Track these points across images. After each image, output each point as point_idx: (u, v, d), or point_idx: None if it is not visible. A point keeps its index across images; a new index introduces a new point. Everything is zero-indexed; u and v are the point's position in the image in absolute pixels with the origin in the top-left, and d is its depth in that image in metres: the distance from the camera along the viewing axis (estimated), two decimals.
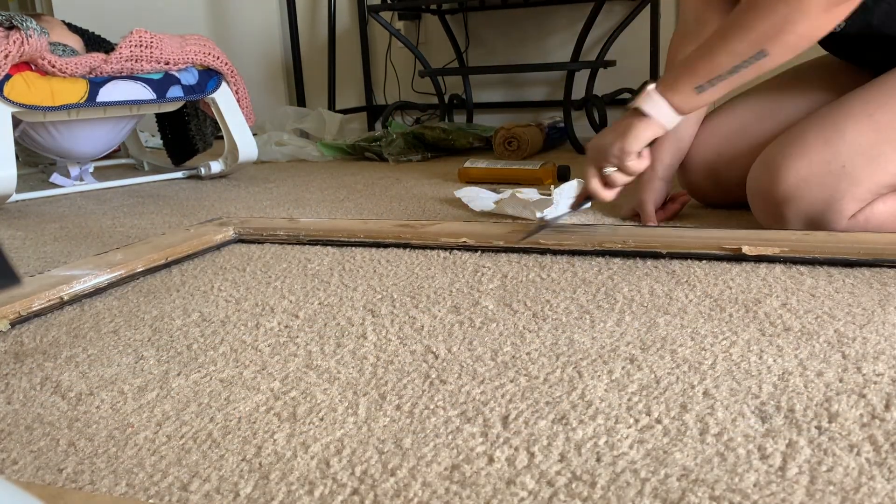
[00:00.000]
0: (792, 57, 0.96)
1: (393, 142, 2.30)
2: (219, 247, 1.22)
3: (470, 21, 2.88)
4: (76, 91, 1.75)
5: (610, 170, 1.06)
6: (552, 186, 1.39)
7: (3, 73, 1.63)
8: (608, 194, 1.09)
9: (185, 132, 2.18)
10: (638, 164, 1.05)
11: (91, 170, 2.10)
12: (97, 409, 0.65)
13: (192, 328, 0.85)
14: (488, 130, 2.41)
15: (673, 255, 1.00)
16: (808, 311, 0.78)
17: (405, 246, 1.15)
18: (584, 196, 1.13)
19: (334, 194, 1.72)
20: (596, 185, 1.09)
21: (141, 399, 0.67)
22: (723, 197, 1.30)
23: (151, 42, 1.85)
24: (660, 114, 1.01)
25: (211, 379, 0.70)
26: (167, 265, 1.11)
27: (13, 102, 1.67)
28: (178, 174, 2.13)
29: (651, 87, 1.02)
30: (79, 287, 0.98)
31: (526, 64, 2.68)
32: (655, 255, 1.01)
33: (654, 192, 1.24)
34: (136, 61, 1.83)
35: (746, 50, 0.94)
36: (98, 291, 1.00)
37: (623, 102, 2.66)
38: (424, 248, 1.13)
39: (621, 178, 1.06)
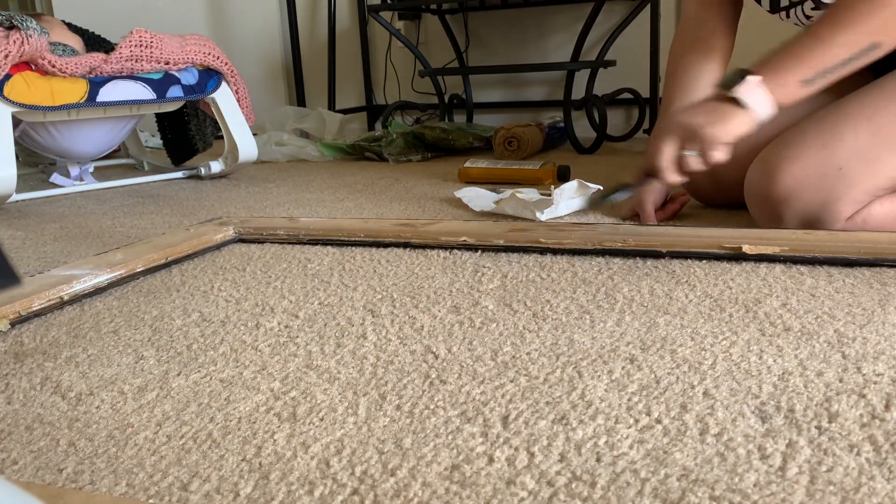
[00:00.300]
0: None
1: (393, 142, 2.30)
2: (219, 247, 1.22)
3: (470, 21, 2.88)
4: (76, 91, 1.75)
5: (690, 153, 0.99)
6: (552, 186, 1.39)
7: (3, 73, 1.63)
8: (676, 179, 1.03)
9: (185, 132, 2.18)
10: (723, 155, 0.99)
11: (91, 170, 2.10)
12: (97, 409, 0.65)
13: (192, 328, 0.85)
14: (488, 130, 2.41)
15: (673, 255, 1.00)
16: (808, 311, 0.78)
17: (405, 245, 1.15)
18: (646, 174, 1.04)
19: (334, 194, 1.73)
20: (669, 163, 1.01)
21: (141, 399, 0.67)
22: (723, 197, 1.30)
23: (151, 42, 1.85)
24: (761, 108, 0.96)
25: (211, 379, 0.70)
26: (167, 265, 1.12)
27: (13, 102, 1.67)
28: (178, 174, 2.13)
29: (753, 78, 0.96)
30: (79, 287, 0.98)
31: (526, 64, 2.69)
32: (655, 255, 1.01)
33: (653, 191, 1.24)
34: (136, 61, 1.83)
35: (860, 41, 0.91)
36: (98, 291, 1.00)
37: (623, 102, 2.67)
38: (425, 247, 1.13)
39: (697, 165, 1.00)
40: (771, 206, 1.06)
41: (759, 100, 0.96)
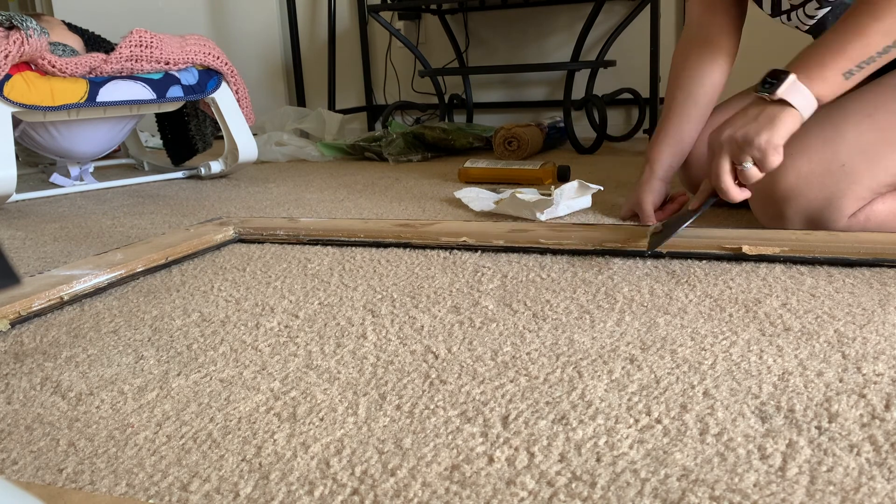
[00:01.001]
0: None
1: (393, 142, 2.30)
2: (219, 247, 1.22)
3: (470, 21, 2.88)
4: (76, 91, 1.75)
5: (748, 164, 0.96)
6: (552, 186, 1.39)
7: (3, 73, 1.63)
8: (742, 194, 0.99)
9: (185, 132, 2.18)
10: (779, 157, 0.96)
11: (91, 170, 2.11)
12: (97, 409, 0.65)
13: (192, 328, 0.85)
14: (488, 130, 2.41)
15: (673, 255, 1.00)
16: (808, 311, 0.78)
17: (405, 245, 1.15)
18: (709, 194, 1.03)
19: (334, 194, 1.72)
20: (730, 182, 0.99)
21: (141, 399, 0.67)
22: None
23: (151, 42, 1.85)
24: (805, 105, 0.95)
25: (211, 379, 0.70)
26: (167, 265, 1.12)
27: (13, 102, 1.67)
28: (178, 174, 2.13)
29: (793, 77, 0.95)
30: (79, 287, 0.98)
31: (526, 64, 2.69)
32: (656, 255, 1.01)
33: (652, 192, 1.24)
34: (136, 61, 1.83)
35: None
36: (98, 291, 1.00)
37: (623, 102, 2.67)
38: (425, 247, 1.13)
39: (756, 175, 0.97)
40: (774, 204, 1.06)
41: (804, 98, 0.95)
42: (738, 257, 0.97)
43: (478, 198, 1.45)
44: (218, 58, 2.01)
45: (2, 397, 0.69)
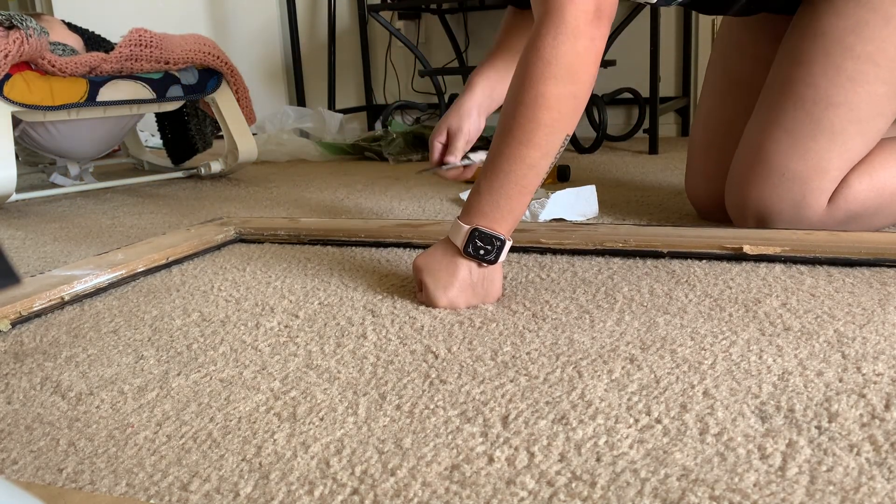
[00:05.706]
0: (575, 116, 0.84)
1: (393, 141, 2.30)
2: (219, 247, 1.22)
3: (470, 21, 2.88)
4: (76, 91, 1.75)
5: (420, 293, 0.88)
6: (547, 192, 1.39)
7: (3, 73, 1.63)
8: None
9: (185, 132, 2.18)
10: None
11: (91, 169, 2.10)
12: (97, 409, 0.65)
13: (192, 328, 0.85)
14: (488, 130, 2.41)
15: (673, 255, 1.00)
16: (808, 310, 0.78)
17: (405, 245, 1.14)
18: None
19: (334, 194, 1.72)
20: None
21: (141, 399, 0.67)
22: (720, 205, 1.31)
23: (151, 41, 1.84)
24: (502, 255, 0.85)
25: (211, 379, 0.70)
26: (167, 265, 1.11)
27: (13, 102, 1.67)
28: (178, 174, 2.13)
29: (508, 244, 0.84)
30: (79, 287, 0.98)
31: None
32: (656, 255, 1.01)
33: (459, 117, 1.12)
34: (136, 61, 1.83)
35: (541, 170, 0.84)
36: (98, 291, 1.00)
37: (623, 102, 2.67)
38: (425, 247, 1.13)
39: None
40: (754, 222, 1.10)
41: (503, 253, 0.84)
42: (738, 257, 0.97)
43: None
44: (218, 57, 2.01)
45: (2, 397, 0.69)
